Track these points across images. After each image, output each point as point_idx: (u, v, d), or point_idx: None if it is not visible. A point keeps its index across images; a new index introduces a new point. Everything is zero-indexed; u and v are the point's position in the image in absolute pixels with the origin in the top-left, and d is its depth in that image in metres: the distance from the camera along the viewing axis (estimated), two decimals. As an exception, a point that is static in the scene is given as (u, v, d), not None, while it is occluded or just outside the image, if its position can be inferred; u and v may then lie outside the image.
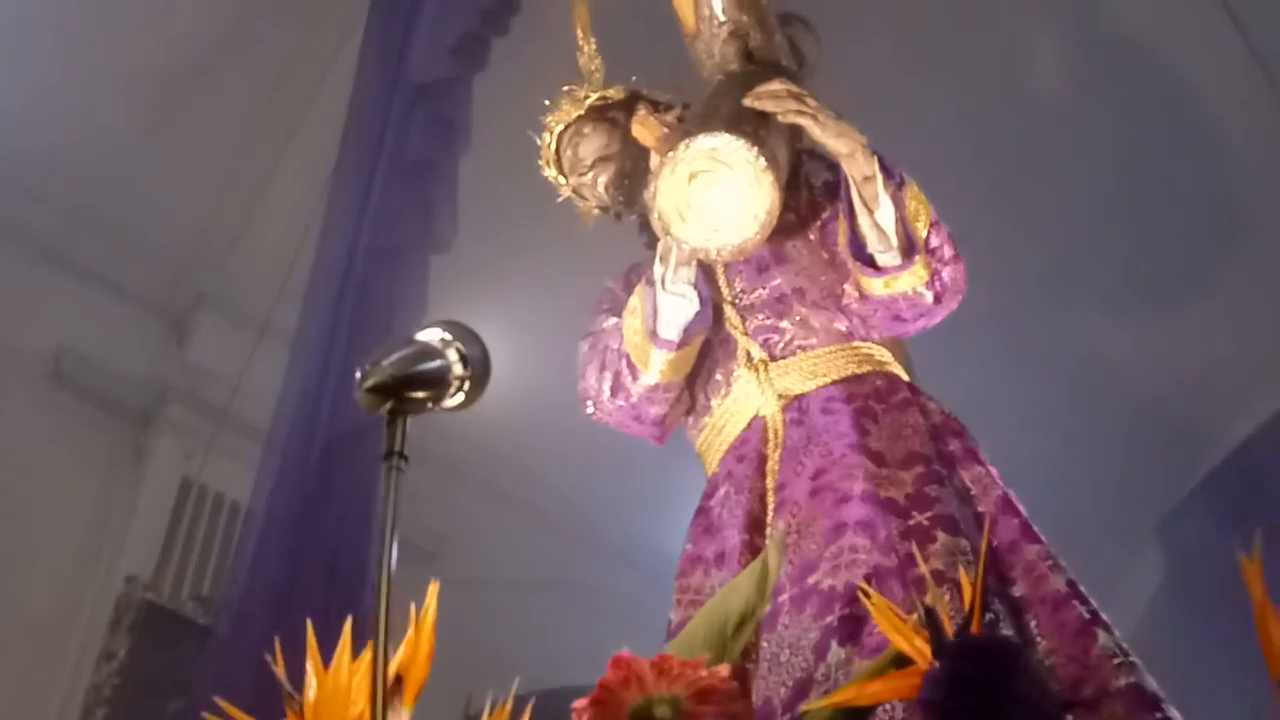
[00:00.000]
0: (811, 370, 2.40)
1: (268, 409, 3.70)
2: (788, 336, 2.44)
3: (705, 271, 2.47)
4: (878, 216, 2.32)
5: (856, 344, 2.44)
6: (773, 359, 2.41)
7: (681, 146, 2.24)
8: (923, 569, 1.90)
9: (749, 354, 2.43)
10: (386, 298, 3.43)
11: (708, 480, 2.44)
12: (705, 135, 2.24)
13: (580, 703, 1.33)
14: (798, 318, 2.44)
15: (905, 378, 2.47)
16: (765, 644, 2.06)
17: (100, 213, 5.19)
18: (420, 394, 1.46)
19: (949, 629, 1.49)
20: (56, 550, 4.92)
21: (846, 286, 2.44)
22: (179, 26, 4.90)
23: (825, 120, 2.31)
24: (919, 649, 1.52)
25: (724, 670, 1.33)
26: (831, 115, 2.33)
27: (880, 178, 2.31)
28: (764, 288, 2.48)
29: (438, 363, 1.48)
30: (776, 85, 2.34)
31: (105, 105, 4.96)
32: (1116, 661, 1.95)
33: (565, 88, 2.76)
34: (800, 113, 2.31)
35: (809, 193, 2.56)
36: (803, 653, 1.98)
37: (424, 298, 3.44)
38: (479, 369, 1.51)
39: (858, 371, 2.40)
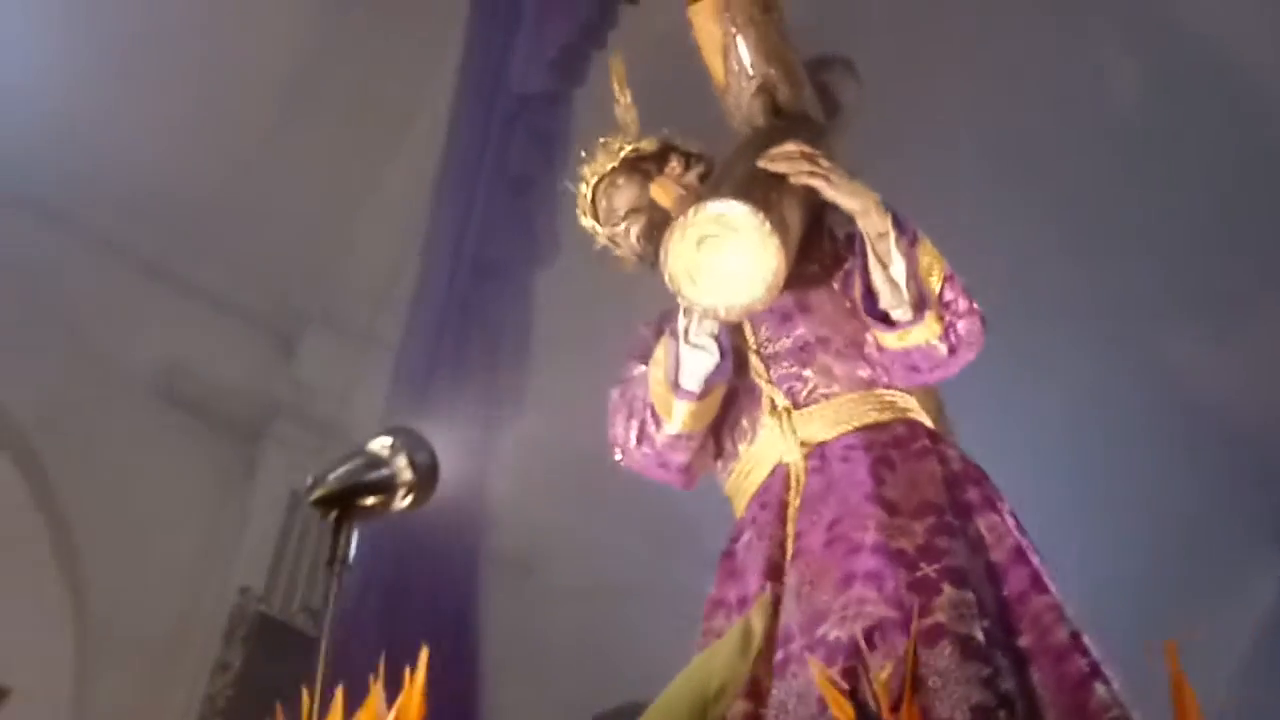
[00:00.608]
0: (834, 418, 2.43)
1: (371, 422, 3.74)
2: (810, 385, 2.47)
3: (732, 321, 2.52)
4: (891, 272, 2.35)
5: (879, 391, 2.47)
6: (796, 407, 2.45)
7: (690, 212, 2.30)
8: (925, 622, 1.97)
9: (773, 402, 2.46)
10: (491, 311, 3.46)
11: (735, 524, 2.48)
12: (713, 201, 2.30)
13: None
14: (821, 366, 2.48)
15: (928, 424, 2.50)
16: (775, 691, 2.11)
17: (207, 231, 5.29)
18: (368, 501, 1.56)
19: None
20: (171, 564, 5.02)
21: (869, 335, 2.47)
22: (280, 44, 4.99)
23: (838, 180, 2.36)
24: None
25: None
26: (844, 175, 2.38)
27: (893, 234, 2.35)
28: (788, 336, 2.52)
29: (384, 471, 1.58)
30: (790, 147, 2.39)
31: (210, 125, 5.07)
32: (1112, 715, 2.00)
33: (601, 140, 2.81)
34: (813, 174, 2.36)
35: (832, 244, 2.59)
36: (808, 703, 2.03)
37: (528, 311, 3.47)
38: (425, 474, 1.61)
39: (879, 419, 2.43)
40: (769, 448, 2.46)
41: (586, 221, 2.83)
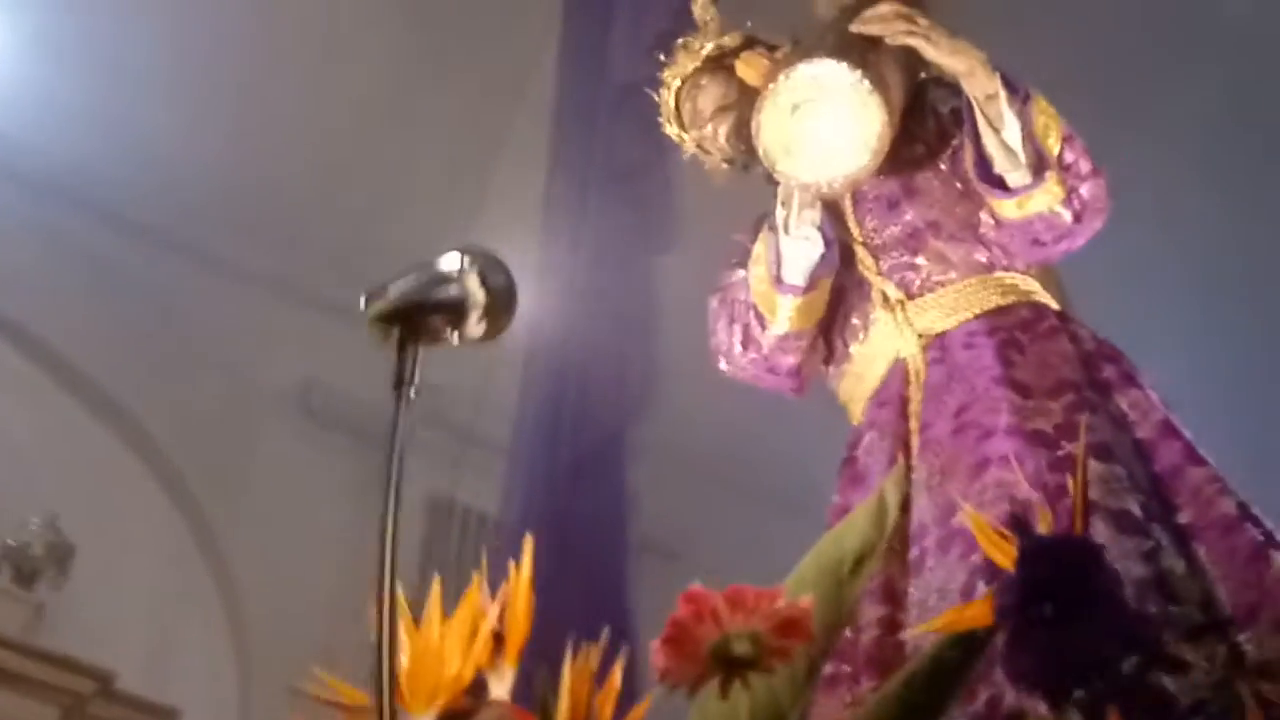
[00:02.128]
0: (952, 305, 2.28)
1: (506, 421, 3.76)
2: (924, 273, 2.32)
3: (834, 213, 2.37)
4: (1005, 135, 2.18)
5: (999, 274, 2.31)
6: (910, 297, 2.30)
7: (781, 77, 2.14)
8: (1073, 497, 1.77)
9: (884, 294, 2.32)
10: (613, 304, 3.44)
11: (851, 431, 2.35)
12: (804, 63, 2.13)
13: (655, 643, 1.22)
14: (933, 252, 2.32)
15: (1055, 306, 2.34)
16: (913, 590, 1.98)
17: (331, 246, 5.37)
18: (435, 320, 1.39)
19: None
20: (320, 577, 5.11)
21: (983, 215, 2.31)
22: (383, 64, 5.04)
23: (938, 39, 2.19)
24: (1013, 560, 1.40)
25: (805, 601, 1.20)
26: (945, 33, 2.20)
27: (1004, 94, 2.17)
28: (896, 224, 2.36)
29: (454, 290, 1.40)
30: (884, 7, 2.22)
31: (319, 139, 5.14)
32: None
33: (680, 40, 2.66)
34: (910, 33, 2.19)
35: (936, 121, 2.42)
36: (950, 596, 1.90)
37: (651, 300, 3.44)
38: (503, 298, 1.43)
39: (1001, 303, 2.28)
40: (884, 344, 2.31)
41: (671, 129, 2.69)
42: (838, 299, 2.38)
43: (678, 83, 2.65)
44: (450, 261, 1.44)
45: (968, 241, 2.33)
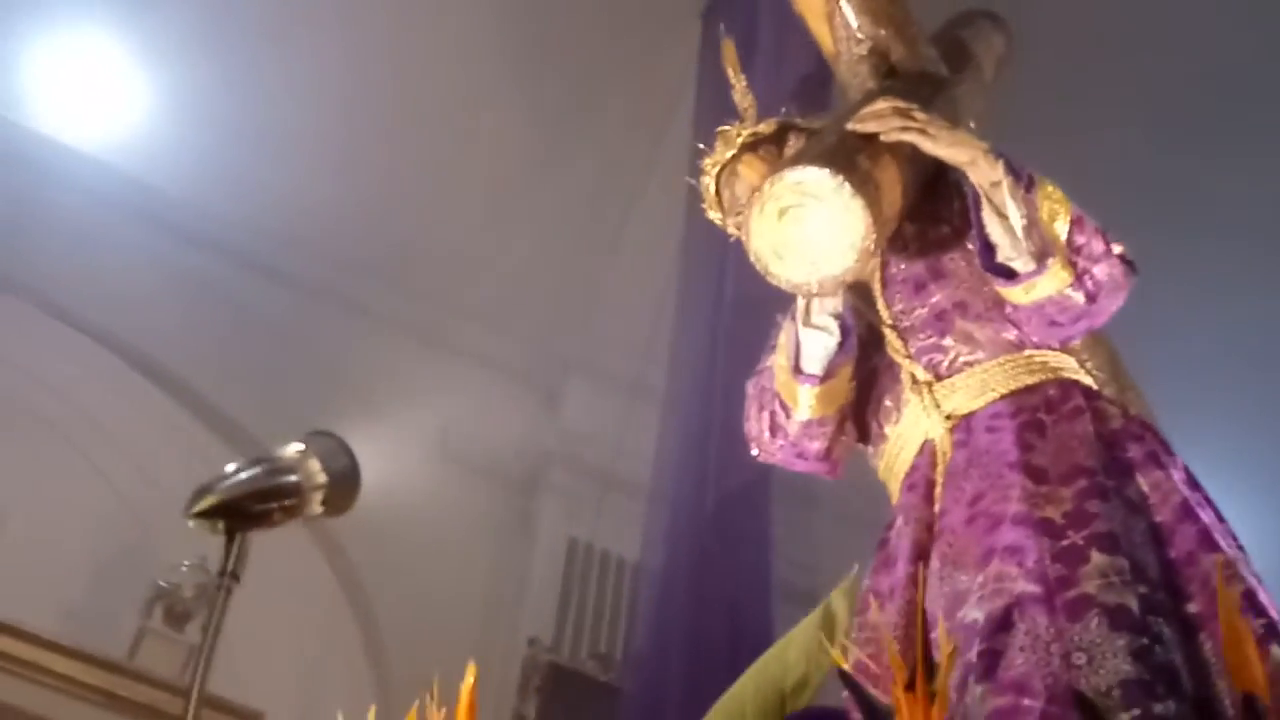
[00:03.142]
0: (980, 387, 2.25)
1: (644, 465, 3.75)
2: (952, 354, 2.29)
3: (865, 297, 2.38)
4: (1010, 222, 2.17)
5: (1029, 352, 2.27)
6: (938, 379, 2.28)
7: (767, 184, 2.16)
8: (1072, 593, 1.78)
9: (914, 376, 2.30)
10: (756, 346, 3.43)
11: (890, 511, 2.32)
12: (789, 170, 2.15)
13: None
14: (961, 333, 2.30)
15: (1086, 382, 2.29)
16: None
17: (464, 295, 5.46)
18: (269, 507, 1.50)
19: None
20: (460, 619, 5.15)
21: None
22: (519, 102, 5.11)
23: (936, 132, 2.19)
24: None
25: None
26: (944, 126, 2.21)
27: (1007, 182, 2.16)
28: (923, 306, 2.35)
29: (291, 477, 1.53)
30: (881, 104, 2.23)
31: (456, 191, 5.23)
32: None
33: (719, 128, 2.68)
34: (905, 129, 2.19)
35: (961, 202, 2.38)
36: (959, 692, 1.84)
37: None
38: (342, 479, 1.57)
39: (1029, 382, 2.23)
40: (914, 426, 2.29)
41: (714, 215, 2.71)
42: (871, 381, 2.39)
43: (717, 170, 2.67)
44: (291, 450, 1.56)
45: (995, 321, 2.30)
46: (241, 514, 1.52)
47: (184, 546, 4.55)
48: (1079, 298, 2.20)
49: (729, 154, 2.63)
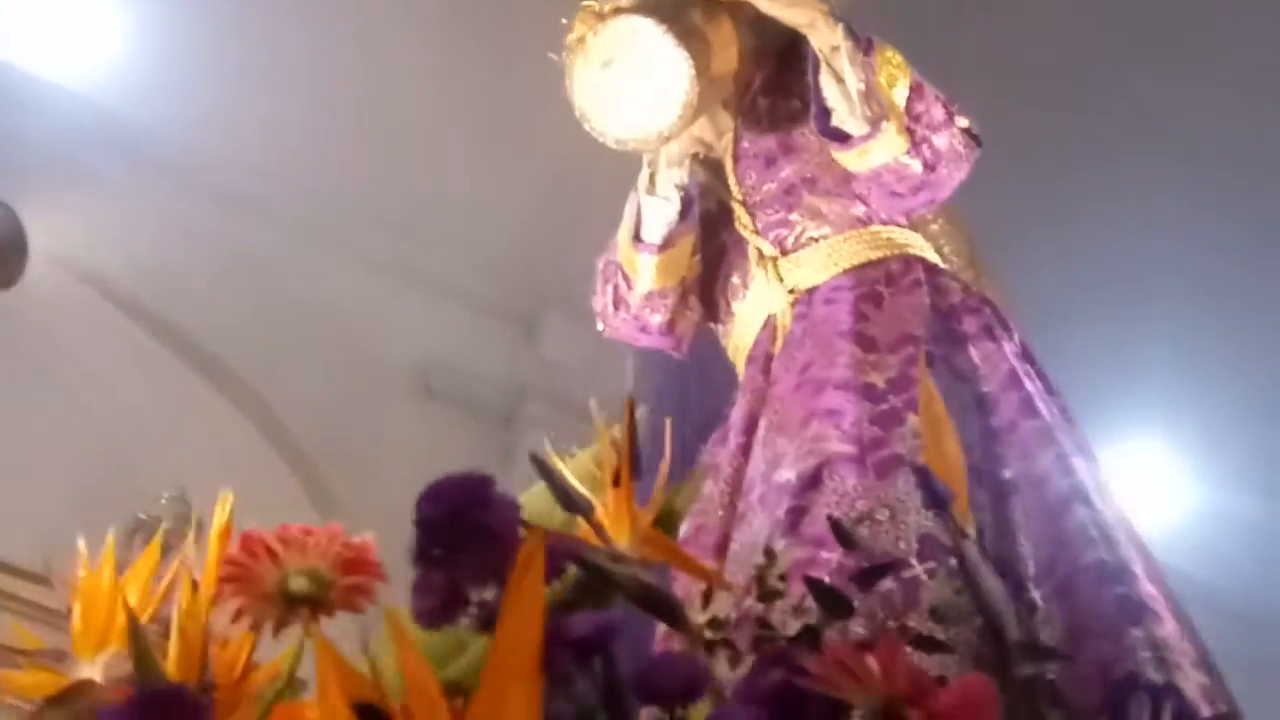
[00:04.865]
0: (824, 261, 2.26)
1: (621, 393, 3.76)
2: (798, 229, 2.30)
3: (717, 173, 2.37)
4: (846, 87, 2.16)
5: (876, 228, 2.28)
6: (784, 254, 2.29)
7: (590, 34, 2.13)
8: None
9: (760, 251, 2.31)
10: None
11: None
12: (613, 19, 2.12)
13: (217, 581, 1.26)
14: (808, 208, 2.30)
15: (931, 259, 2.29)
16: (735, 545, 1.97)
17: (443, 230, 5.46)
18: None
19: None
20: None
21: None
22: (486, 37, 5.09)
23: None
24: None
25: (367, 540, 1.23)
26: None
27: (847, 45, 2.15)
28: (773, 181, 2.34)
29: None
30: None
31: (433, 129, 5.22)
32: (1088, 536, 1.82)
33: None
34: None
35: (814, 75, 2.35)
36: (755, 552, 1.84)
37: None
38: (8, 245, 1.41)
39: (872, 257, 2.24)
40: (759, 301, 2.30)
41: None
42: (719, 259, 2.39)
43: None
44: None
45: (844, 197, 2.30)
46: None
47: (162, 479, 4.58)
48: (915, 165, 2.18)
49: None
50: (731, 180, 2.40)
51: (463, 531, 1.11)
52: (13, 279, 1.48)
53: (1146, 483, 4.94)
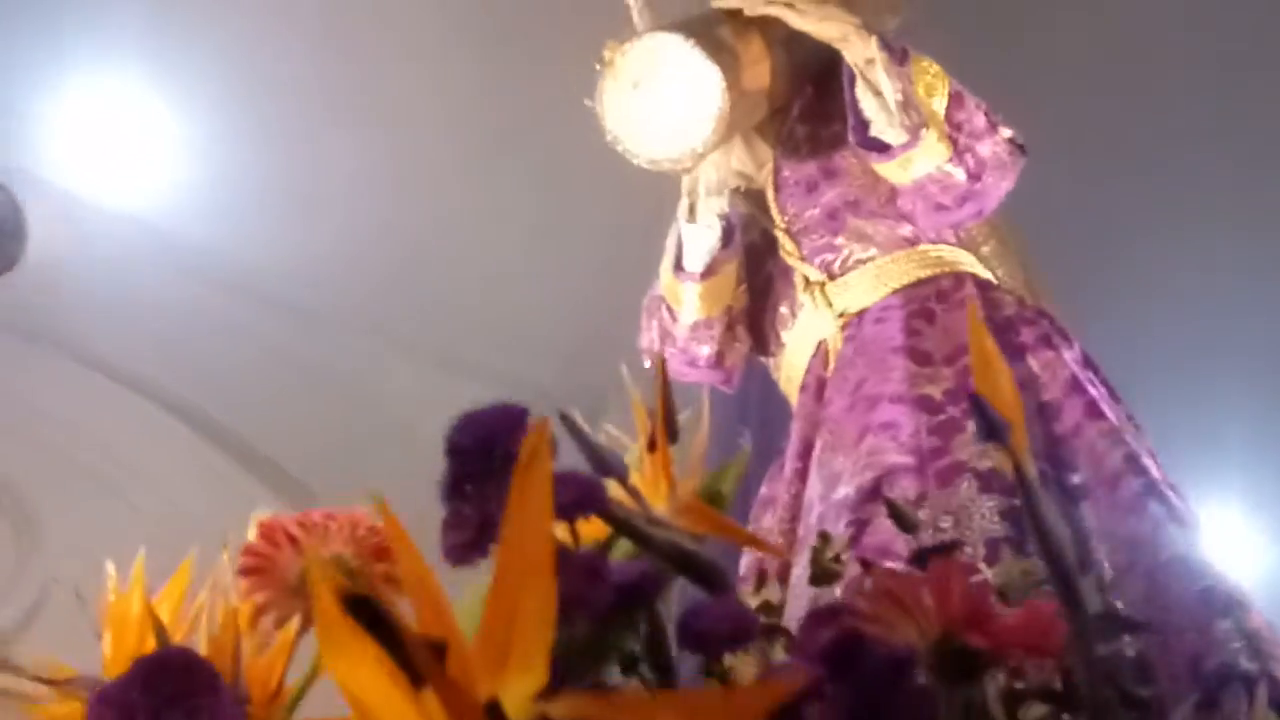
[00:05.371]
0: (873, 284, 2.23)
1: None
2: (844, 253, 2.27)
3: (759, 204, 2.35)
4: (885, 98, 2.13)
5: (924, 247, 2.25)
6: (831, 278, 2.26)
7: (618, 55, 2.10)
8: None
9: (806, 278, 2.29)
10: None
11: None
12: (640, 38, 2.09)
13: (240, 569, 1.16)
14: (854, 231, 2.27)
15: (983, 275, 2.26)
16: (797, 570, 1.88)
17: (484, 318, 5.47)
18: None
19: None
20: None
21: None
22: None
23: (804, 7, 2.15)
24: None
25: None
26: (812, 2, 2.17)
27: (882, 57, 2.12)
28: (815, 206, 2.32)
29: None
30: None
31: (482, 243, 5.24)
32: (1167, 532, 1.78)
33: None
34: (770, 3, 2.14)
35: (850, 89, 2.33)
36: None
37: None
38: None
39: (922, 275, 2.22)
40: (809, 328, 2.27)
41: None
42: (766, 290, 2.36)
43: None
44: None
45: (889, 217, 2.28)
46: None
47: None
48: (959, 174, 2.14)
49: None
50: (774, 209, 2.39)
51: (495, 461, 1.04)
52: (12, 262, 1.46)
53: (1225, 545, 4.84)
